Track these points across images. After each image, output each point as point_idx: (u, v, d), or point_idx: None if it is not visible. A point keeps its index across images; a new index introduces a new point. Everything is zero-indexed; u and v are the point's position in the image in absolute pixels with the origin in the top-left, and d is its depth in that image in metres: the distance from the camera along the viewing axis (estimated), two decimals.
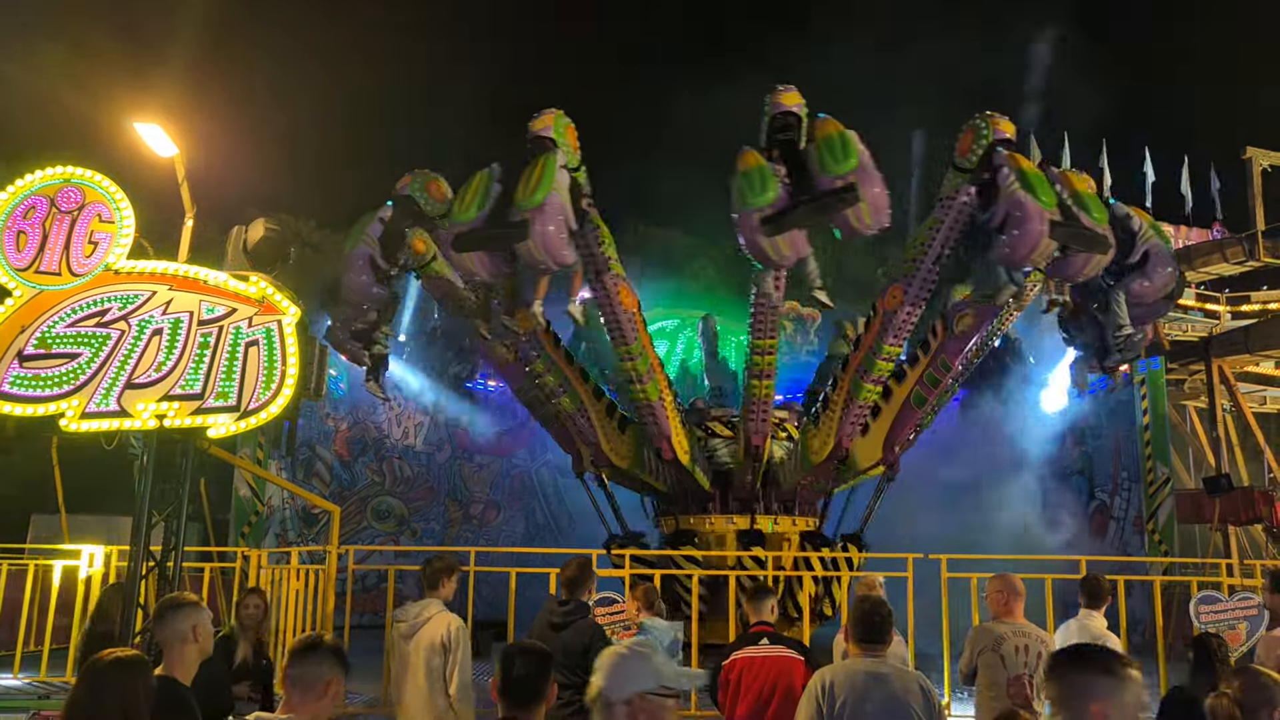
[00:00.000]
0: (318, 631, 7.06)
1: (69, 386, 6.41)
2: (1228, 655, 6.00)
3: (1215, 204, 26.24)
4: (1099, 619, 6.24)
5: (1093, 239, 8.98)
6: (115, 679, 3.28)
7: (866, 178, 8.82)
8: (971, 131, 10.00)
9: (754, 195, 8.78)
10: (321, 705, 3.23)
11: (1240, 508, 16.97)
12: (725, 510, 12.68)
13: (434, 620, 5.73)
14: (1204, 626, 8.51)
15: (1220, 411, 19.64)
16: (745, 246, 9.13)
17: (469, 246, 9.31)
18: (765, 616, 5.58)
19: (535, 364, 11.68)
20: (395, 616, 5.98)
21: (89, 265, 6.70)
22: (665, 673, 2.69)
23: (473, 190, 9.48)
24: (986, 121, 9.88)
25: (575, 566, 5.96)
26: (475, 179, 9.54)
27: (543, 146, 9.64)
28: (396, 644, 5.89)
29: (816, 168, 8.87)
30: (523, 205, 9.00)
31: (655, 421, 11.57)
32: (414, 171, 10.94)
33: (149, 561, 6.91)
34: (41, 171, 6.89)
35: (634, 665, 2.68)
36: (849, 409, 11.53)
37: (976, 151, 9.87)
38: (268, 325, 6.59)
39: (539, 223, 8.96)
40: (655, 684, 2.65)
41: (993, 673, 5.57)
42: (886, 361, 11.20)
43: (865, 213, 8.76)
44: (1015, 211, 8.88)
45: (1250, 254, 22.76)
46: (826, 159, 8.82)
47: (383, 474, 20.76)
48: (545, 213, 8.99)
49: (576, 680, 5.51)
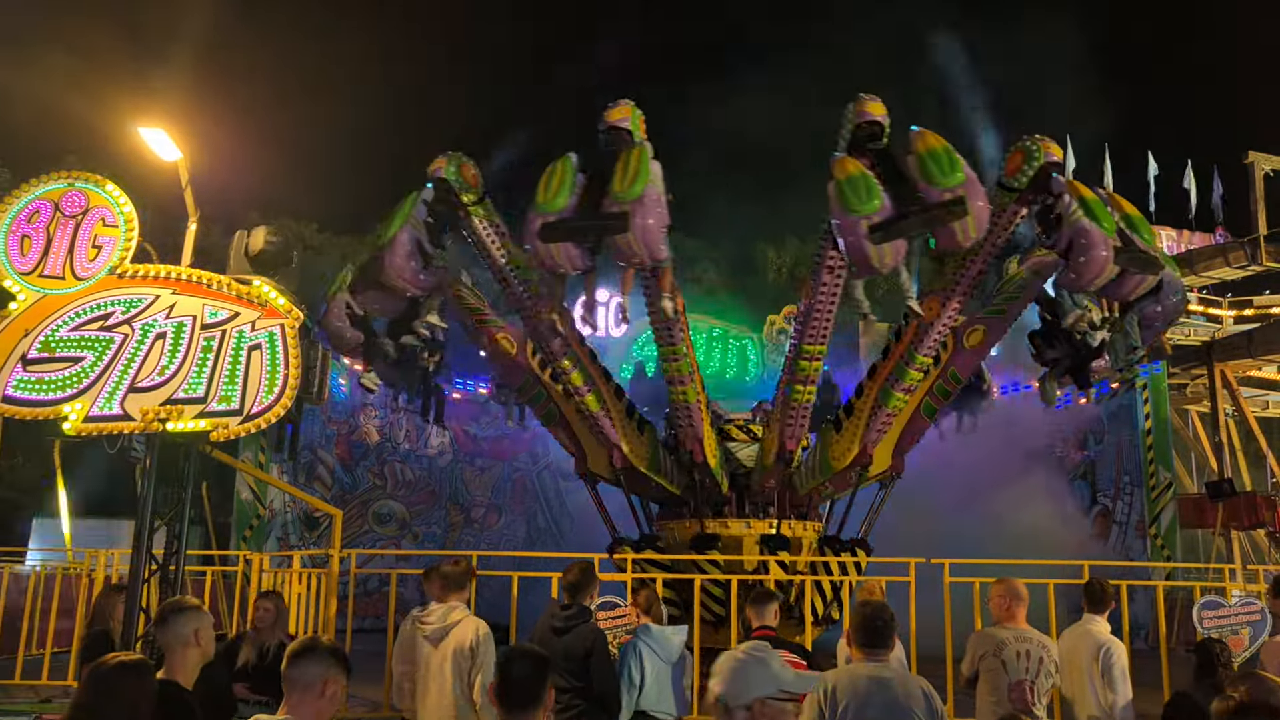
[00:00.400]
0: (317, 633, 7.07)
1: (72, 390, 6.42)
2: (1230, 660, 6.01)
3: (1218, 208, 26.23)
4: (1102, 624, 6.23)
5: (1148, 261, 9.24)
6: (119, 683, 3.29)
7: (973, 191, 8.87)
8: (1021, 153, 10.07)
9: (859, 202, 8.72)
10: (321, 705, 3.25)
11: (1243, 512, 16.96)
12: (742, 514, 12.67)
13: (463, 623, 5.75)
14: (1207, 632, 8.48)
15: (1223, 416, 19.64)
16: (848, 252, 9.06)
17: (558, 237, 9.10)
18: (768, 621, 5.58)
19: (562, 361, 11.53)
20: (419, 618, 5.90)
21: (93, 269, 6.71)
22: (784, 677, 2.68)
23: (558, 179, 9.27)
24: (1037, 144, 10.02)
25: (577, 571, 5.95)
26: (558, 167, 9.36)
27: (621, 138, 9.63)
28: (418, 646, 5.83)
29: (922, 180, 8.86)
30: (622, 197, 8.82)
31: (691, 424, 11.60)
32: (447, 154, 10.77)
33: (151, 565, 6.92)
34: (46, 176, 6.91)
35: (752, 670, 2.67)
36: (876, 416, 11.52)
37: (1027, 173, 9.94)
38: (270, 329, 6.60)
39: (639, 215, 8.77)
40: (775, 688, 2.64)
41: (994, 678, 5.57)
42: (918, 371, 11.21)
43: (970, 225, 8.83)
44: (1081, 239, 8.99)
45: (1253, 258, 22.77)
46: (933, 171, 8.81)
47: (384, 477, 20.78)
48: (645, 205, 8.81)
49: (578, 684, 5.51)
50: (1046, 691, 5.63)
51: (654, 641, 5.76)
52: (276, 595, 7.11)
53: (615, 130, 9.75)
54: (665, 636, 5.78)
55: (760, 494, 12.66)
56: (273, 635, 6.62)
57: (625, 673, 5.70)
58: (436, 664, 5.70)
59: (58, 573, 11.67)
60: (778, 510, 12.54)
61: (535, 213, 9.15)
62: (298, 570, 10.44)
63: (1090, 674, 6.00)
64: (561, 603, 5.92)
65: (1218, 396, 20.07)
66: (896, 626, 4.45)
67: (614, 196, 8.88)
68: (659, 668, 5.68)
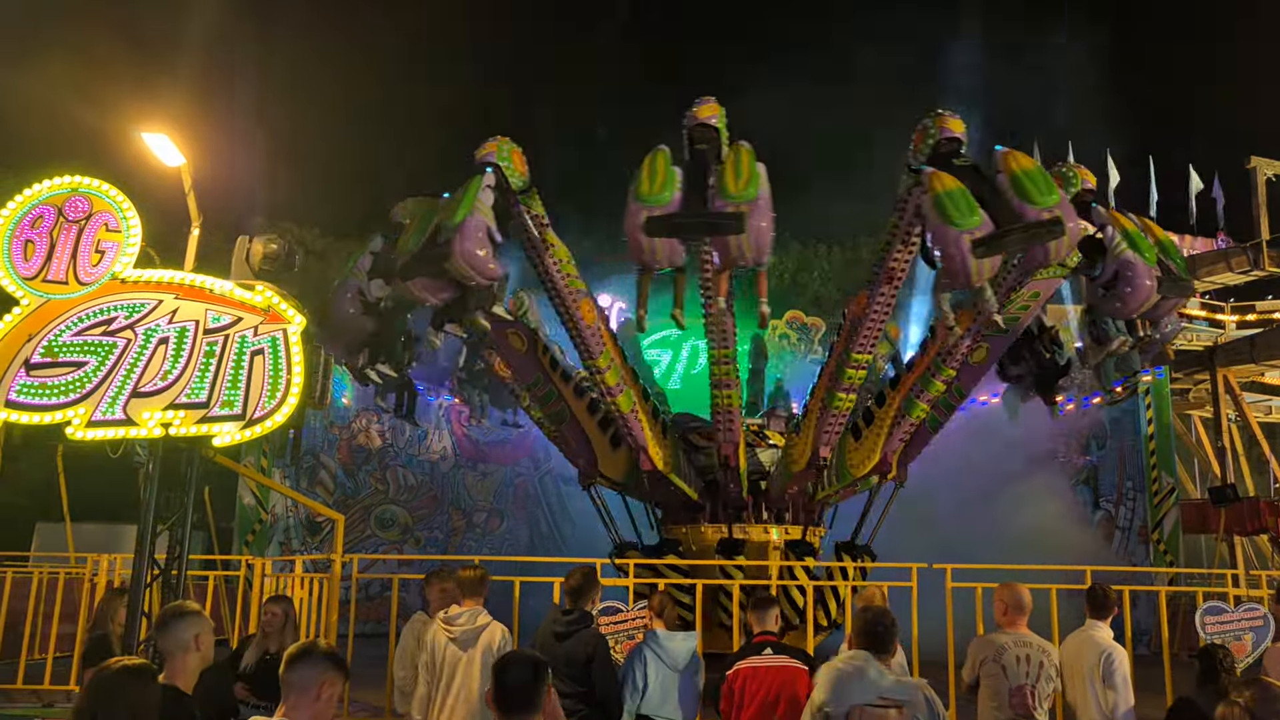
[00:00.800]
0: (315, 638, 7.07)
1: (75, 395, 6.43)
2: (1233, 666, 6.00)
3: (1220, 213, 26.22)
4: (1106, 630, 6.22)
5: (1184, 287, 9.93)
6: (121, 688, 3.29)
7: (1067, 211, 9.04)
8: (1059, 179, 10.10)
9: (961, 216, 8.79)
10: (318, 707, 3.29)
11: (1246, 518, 16.94)
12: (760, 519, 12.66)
13: (490, 626, 5.83)
14: (1209, 637, 8.47)
15: (1225, 421, 19.62)
16: (946, 265, 9.06)
17: (665, 231, 9.14)
18: (769, 626, 5.58)
19: (598, 359, 11.40)
20: (445, 623, 5.92)
21: (95, 274, 6.72)
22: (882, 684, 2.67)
23: (660, 172, 9.32)
24: (1074, 172, 10.19)
25: (580, 575, 5.96)
26: (657, 159, 9.41)
27: (707, 135, 9.78)
28: (444, 651, 5.83)
29: (1020, 199, 8.94)
30: (737, 197, 8.95)
31: (730, 428, 11.61)
32: (495, 138, 10.32)
33: (153, 570, 6.92)
34: (49, 181, 6.92)
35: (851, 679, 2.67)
36: (899, 425, 11.55)
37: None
38: (273, 334, 6.61)
39: (754, 217, 8.90)
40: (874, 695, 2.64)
41: (995, 683, 5.57)
42: (943, 383, 11.24)
43: (1065, 244, 9.02)
44: (1127, 271, 9.38)
45: (1255, 263, 22.76)
46: (1031, 191, 8.92)
47: (386, 482, 20.79)
48: (759, 206, 8.95)
49: (580, 690, 5.51)
50: (1048, 696, 5.63)
51: (660, 647, 5.75)
52: (286, 600, 7.07)
53: (704, 127, 9.80)
54: (672, 642, 5.76)
55: (779, 499, 12.66)
56: (279, 640, 6.58)
57: (629, 677, 5.70)
58: (465, 667, 5.72)
59: (60, 577, 11.67)
60: (794, 516, 12.56)
61: (639, 204, 9.04)
62: (300, 575, 10.45)
63: (1092, 680, 6.00)
64: (563, 608, 5.92)
65: (1220, 402, 20.04)
66: (898, 632, 4.45)
67: (728, 196, 8.93)
68: (664, 674, 5.67)
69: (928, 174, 9.24)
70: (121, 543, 15.15)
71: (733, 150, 9.35)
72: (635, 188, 9.10)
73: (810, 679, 5.14)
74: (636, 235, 9.06)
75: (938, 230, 8.91)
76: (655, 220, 9.00)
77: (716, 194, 9.01)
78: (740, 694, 5.30)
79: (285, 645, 6.45)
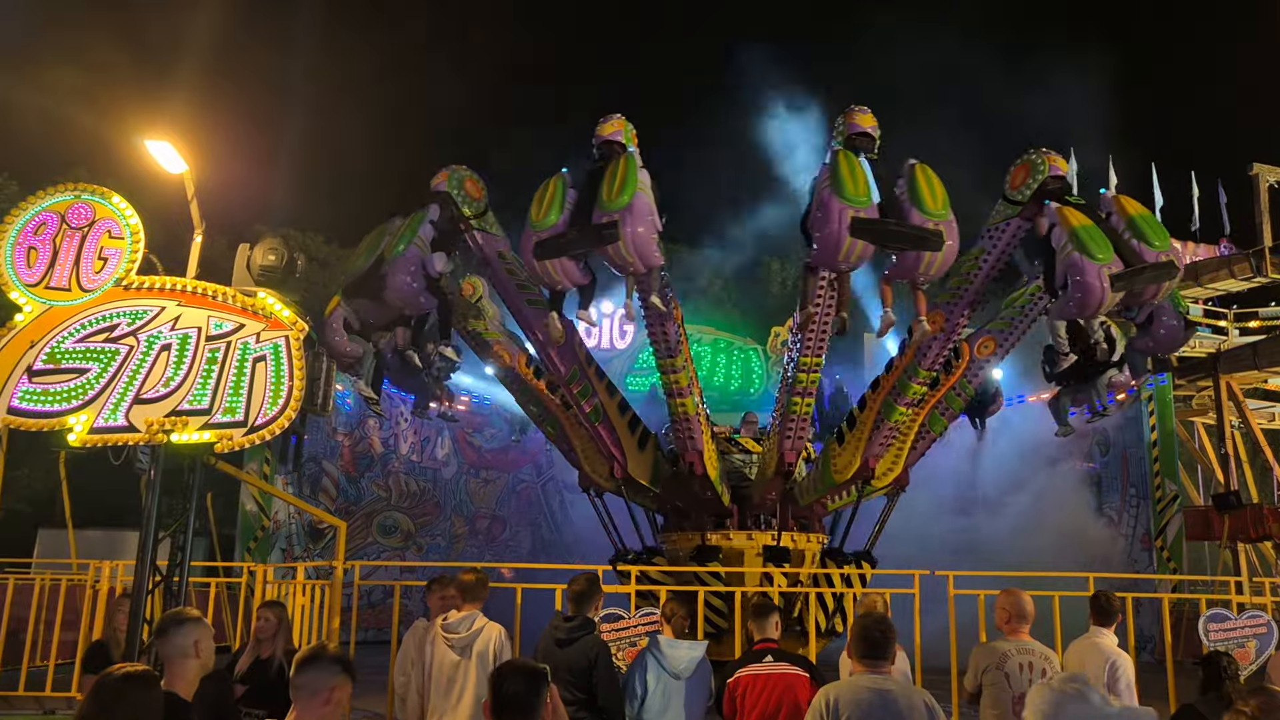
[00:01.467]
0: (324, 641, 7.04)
1: (77, 401, 6.44)
2: (1237, 673, 5.97)
3: (1223, 220, 26.20)
4: (1110, 637, 6.20)
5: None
6: (124, 694, 3.29)
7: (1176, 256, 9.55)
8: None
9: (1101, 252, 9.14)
10: (328, 711, 3.31)
11: (1249, 525, 16.87)
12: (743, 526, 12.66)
13: (486, 629, 5.88)
14: (1213, 645, 8.46)
15: (1229, 428, 19.55)
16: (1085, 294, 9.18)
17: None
18: (769, 634, 5.56)
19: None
20: (445, 629, 5.93)
21: (99, 281, 6.74)
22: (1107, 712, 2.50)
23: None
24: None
25: (584, 581, 5.96)
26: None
27: (613, 151, 9.73)
28: (442, 657, 5.86)
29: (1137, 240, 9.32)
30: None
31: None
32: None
33: (155, 576, 6.93)
34: (53, 188, 6.95)
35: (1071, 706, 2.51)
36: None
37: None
38: (275, 341, 6.63)
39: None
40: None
41: (997, 691, 5.55)
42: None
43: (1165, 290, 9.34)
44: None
45: (1257, 270, 22.71)
46: (1147, 234, 9.33)
47: (389, 489, 20.77)
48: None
49: (581, 696, 5.50)
50: None
51: (662, 655, 5.73)
52: (280, 606, 7.04)
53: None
54: (675, 650, 5.73)
55: (762, 506, 12.65)
56: (273, 646, 6.54)
57: (629, 684, 5.68)
58: (464, 674, 5.74)
59: (62, 584, 11.67)
60: (779, 522, 12.53)
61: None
62: (302, 582, 10.43)
63: (1096, 687, 5.98)
64: (565, 614, 5.91)
65: (1224, 408, 19.98)
66: (897, 638, 4.44)
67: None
68: (666, 681, 5.64)
69: (1053, 208, 9.52)
70: (123, 549, 15.12)
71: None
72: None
73: (812, 685, 5.14)
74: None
75: (1077, 262, 9.11)
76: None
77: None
78: (741, 702, 5.29)
79: (278, 651, 6.44)
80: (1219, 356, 20.18)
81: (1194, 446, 22.88)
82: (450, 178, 10.66)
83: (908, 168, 9.34)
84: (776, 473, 12.01)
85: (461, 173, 10.79)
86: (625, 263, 9.07)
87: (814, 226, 9.02)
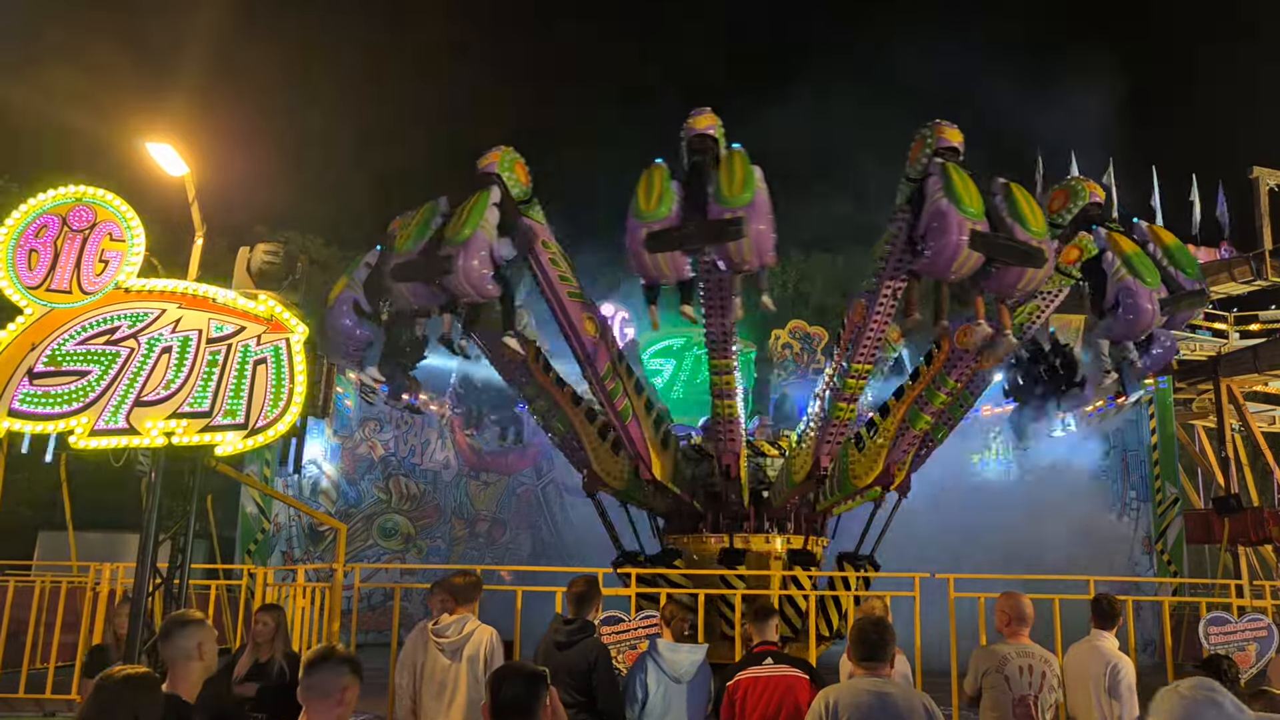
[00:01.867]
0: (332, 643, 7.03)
1: (78, 404, 6.44)
2: (1238, 677, 5.98)
3: (1223, 223, 26.21)
4: (1111, 640, 6.20)
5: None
6: (125, 697, 3.29)
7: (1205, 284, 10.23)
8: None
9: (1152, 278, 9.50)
10: (340, 712, 3.33)
11: (1250, 528, 16.89)
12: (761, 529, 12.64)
13: (477, 632, 5.88)
14: (1213, 648, 8.45)
15: (1229, 431, 19.56)
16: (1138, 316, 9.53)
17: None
18: (769, 636, 5.57)
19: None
20: (435, 633, 5.95)
21: (99, 284, 6.75)
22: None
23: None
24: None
25: (584, 583, 5.96)
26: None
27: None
28: (435, 661, 5.87)
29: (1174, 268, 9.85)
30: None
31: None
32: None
33: (155, 579, 6.92)
34: (54, 190, 6.95)
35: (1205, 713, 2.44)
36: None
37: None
38: (276, 343, 6.62)
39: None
40: None
41: (997, 694, 5.55)
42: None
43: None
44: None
45: (1258, 273, 22.73)
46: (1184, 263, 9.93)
47: (389, 492, 20.77)
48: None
49: (581, 699, 5.50)
50: (1050, 706, 5.61)
51: (662, 658, 5.73)
52: (278, 609, 7.04)
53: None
54: (676, 654, 5.74)
55: (781, 509, 12.64)
56: (271, 649, 6.54)
57: (630, 688, 5.68)
58: (455, 676, 5.75)
59: (62, 586, 11.67)
60: (795, 526, 12.53)
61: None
62: (302, 584, 10.43)
63: (1098, 690, 5.98)
64: (565, 617, 5.91)
65: (1224, 412, 19.99)
66: (896, 640, 4.44)
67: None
68: (667, 685, 5.65)
69: (1103, 233, 9.80)
70: (124, 551, 15.12)
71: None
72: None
73: (812, 688, 5.14)
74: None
75: (1130, 286, 9.41)
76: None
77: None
78: (741, 704, 5.29)
79: (277, 654, 6.45)
80: (1219, 360, 20.19)
81: (1194, 450, 22.89)
82: (501, 159, 10.18)
83: (1000, 185, 9.32)
84: (810, 477, 11.97)
85: (511, 155, 10.32)
86: (743, 260, 9.05)
87: (927, 236, 8.96)
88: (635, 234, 9.06)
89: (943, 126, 9.72)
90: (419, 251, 9.46)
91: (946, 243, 8.70)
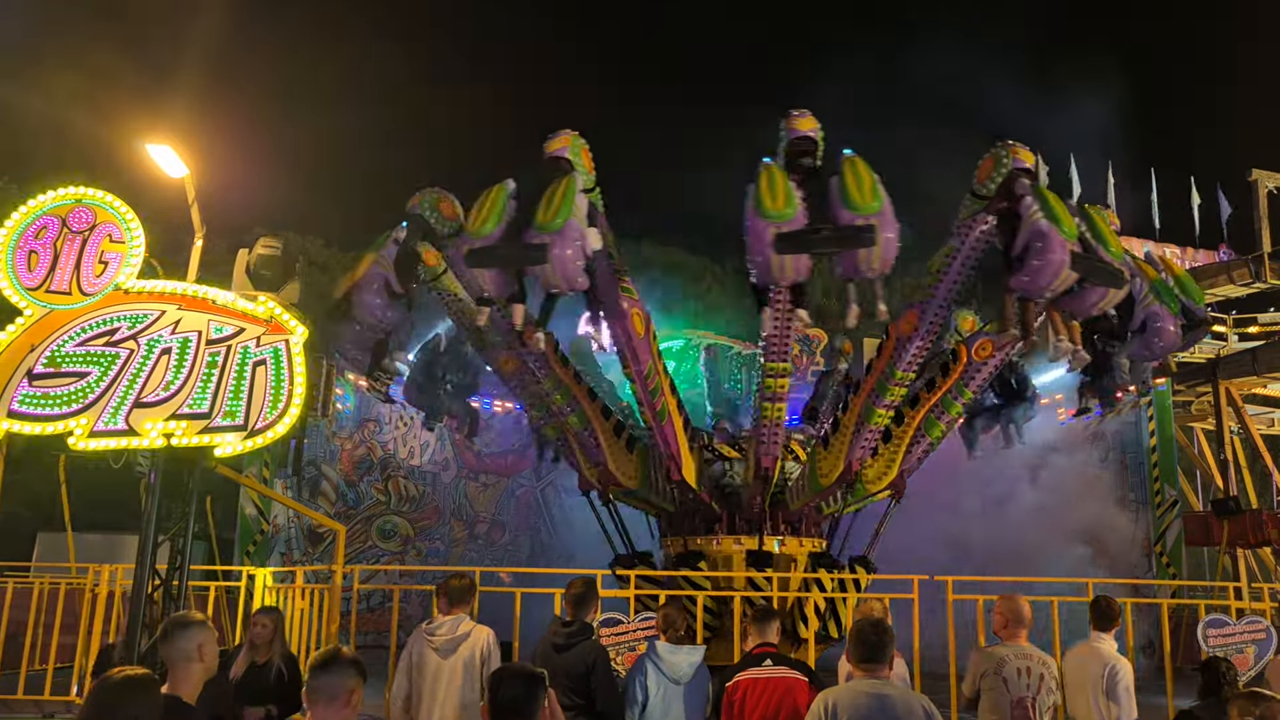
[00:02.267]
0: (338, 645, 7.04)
1: (77, 405, 6.45)
2: (1236, 679, 5.98)
3: (1221, 226, 26.25)
4: (1110, 642, 6.21)
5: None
6: (124, 698, 3.29)
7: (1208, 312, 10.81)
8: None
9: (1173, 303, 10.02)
10: (347, 713, 3.34)
11: (1249, 530, 16.88)
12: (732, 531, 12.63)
13: (473, 633, 5.89)
14: (1212, 650, 8.46)
15: (1228, 433, 19.57)
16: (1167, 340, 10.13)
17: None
18: (769, 638, 5.57)
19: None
20: (427, 633, 5.95)
21: (99, 285, 6.75)
22: None
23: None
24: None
25: (582, 584, 5.96)
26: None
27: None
28: (427, 660, 5.87)
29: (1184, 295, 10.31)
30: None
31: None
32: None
33: (155, 580, 6.93)
34: (53, 192, 6.96)
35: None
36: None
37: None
38: (275, 345, 6.63)
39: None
40: None
41: (996, 696, 5.55)
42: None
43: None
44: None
45: (1257, 276, 22.75)
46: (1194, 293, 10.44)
47: (388, 493, 20.75)
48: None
49: (580, 702, 5.50)
50: (1048, 709, 5.61)
51: (660, 660, 5.74)
52: (276, 611, 7.04)
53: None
54: (674, 655, 5.74)
55: (749, 511, 12.64)
56: (269, 651, 6.56)
57: (629, 690, 5.69)
58: (447, 676, 5.76)
59: (61, 587, 11.66)
60: (764, 527, 12.53)
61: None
62: (301, 586, 10.43)
63: (1096, 692, 5.99)
64: (563, 619, 5.92)
65: (1223, 414, 20.00)
66: (894, 642, 4.44)
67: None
68: (666, 687, 5.65)
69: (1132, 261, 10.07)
70: (123, 553, 15.10)
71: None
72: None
73: (811, 689, 5.14)
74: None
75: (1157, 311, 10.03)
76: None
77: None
78: (740, 706, 5.29)
79: (273, 656, 6.47)
80: (1218, 362, 20.21)
81: (1193, 452, 22.90)
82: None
83: (1076, 208, 9.48)
84: (756, 478, 12.05)
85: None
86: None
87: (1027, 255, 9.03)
88: (762, 234, 8.86)
89: (1016, 147, 9.84)
90: (498, 236, 9.16)
91: (1049, 261, 8.82)
